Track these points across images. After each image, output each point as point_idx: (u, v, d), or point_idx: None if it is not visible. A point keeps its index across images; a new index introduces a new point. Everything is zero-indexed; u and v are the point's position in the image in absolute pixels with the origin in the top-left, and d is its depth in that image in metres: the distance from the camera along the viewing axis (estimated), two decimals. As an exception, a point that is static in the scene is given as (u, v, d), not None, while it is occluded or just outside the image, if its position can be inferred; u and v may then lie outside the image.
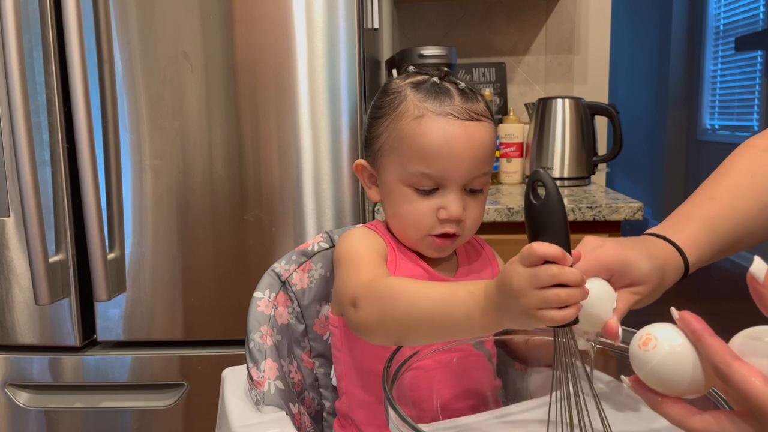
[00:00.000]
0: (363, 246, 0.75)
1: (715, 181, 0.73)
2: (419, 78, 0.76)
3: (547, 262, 0.49)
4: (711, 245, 0.68)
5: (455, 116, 0.71)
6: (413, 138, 0.72)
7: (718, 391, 0.51)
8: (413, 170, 0.72)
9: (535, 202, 0.52)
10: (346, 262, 0.73)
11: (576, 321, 0.51)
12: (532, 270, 0.49)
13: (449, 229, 0.73)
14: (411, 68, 0.80)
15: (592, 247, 0.62)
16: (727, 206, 0.70)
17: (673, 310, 0.51)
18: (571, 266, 0.50)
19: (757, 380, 0.43)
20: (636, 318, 0.61)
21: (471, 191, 0.74)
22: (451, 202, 0.72)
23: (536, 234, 0.52)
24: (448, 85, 0.74)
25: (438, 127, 0.71)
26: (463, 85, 0.75)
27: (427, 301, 0.59)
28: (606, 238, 0.64)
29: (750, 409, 0.44)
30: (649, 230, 0.70)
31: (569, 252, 0.50)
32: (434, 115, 0.71)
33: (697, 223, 0.69)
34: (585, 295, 0.50)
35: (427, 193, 0.73)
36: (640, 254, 0.62)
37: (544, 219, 0.51)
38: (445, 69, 0.77)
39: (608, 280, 0.61)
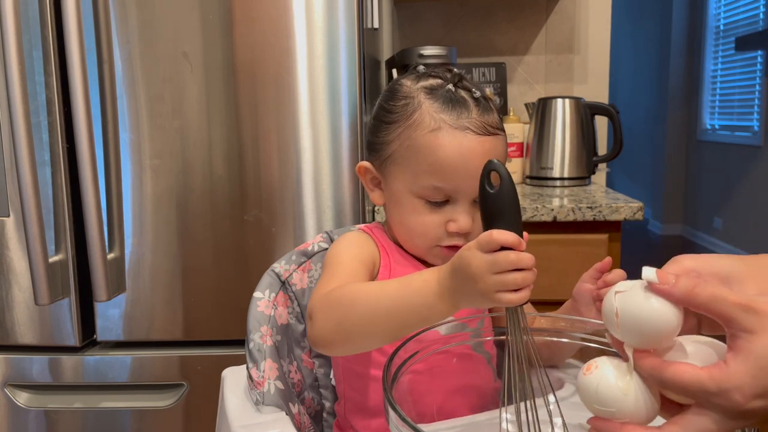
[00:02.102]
0: (347, 254, 0.74)
1: None
2: (432, 82, 0.74)
3: (503, 248, 0.53)
4: None
5: (472, 131, 0.71)
6: (429, 151, 0.71)
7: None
8: (426, 183, 0.72)
9: (490, 190, 0.55)
10: (325, 269, 0.74)
11: (527, 301, 0.55)
12: (490, 256, 0.53)
13: (457, 241, 0.73)
14: (421, 68, 0.78)
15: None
16: None
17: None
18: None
19: (687, 369, 0.45)
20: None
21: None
22: (460, 216, 0.72)
23: (491, 221, 0.55)
24: (463, 94, 0.73)
25: (455, 141, 0.70)
26: (478, 93, 0.73)
27: (384, 297, 0.61)
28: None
29: (697, 401, 0.46)
30: None
31: (521, 236, 0.54)
32: (451, 128, 0.70)
33: None
34: (535, 276, 0.54)
35: (437, 205, 0.73)
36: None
37: (499, 206, 0.55)
38: (457, 72, 0.76)
39: None
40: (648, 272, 0.47)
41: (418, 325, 0.62)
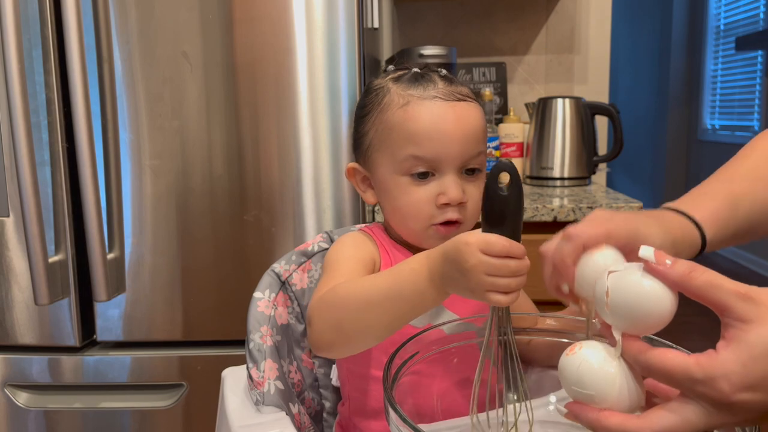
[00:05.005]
0: (344, 255, 0.74)
1: (734, 164, 0.70)
2: (399, 72, 0.77)
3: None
4: (731, 223, 0.65)
5: (441, 98, 0.72)
6: (401, 125, 0.71)
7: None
8: (404, 155, 0.71)
9: (500, 192, 0.54)
10: (323, 272, 0.74)
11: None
12: (491, 260, 0.53)
13: (451, 215, 0.72)
14: (390, 68, 0.80)
15: (603, 220, 0.58)
16: (747, 188, 0.66)
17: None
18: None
19: (673, 355, 0.44)
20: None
21: (468, 173, 0.73)
22: (449, 186, 0.71)
23: (496, 223, 0.55)
24: (430, 73, 0.75)
25: (425, 110, 0.71)
26: (444, 72, 0.75)
27: (375, 291, 0.61)
28: (616, 212, 0.60)
29: (682, 390, 0.44)
30: (666, 204, 0.66)
31: (519, 240, 0.55)
32: (420, 99, 0.72)
33: (716, 200, 0.65)
34: (525, 282, 0.55)
35: (422, 178, 0.72)
36: (652, 227, 0.59)
37: (507, 211, 0.54)
38: (426, 63, 0.78)
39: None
40: (645, 251, 0.45)
41: (411, 314, 0.62)
